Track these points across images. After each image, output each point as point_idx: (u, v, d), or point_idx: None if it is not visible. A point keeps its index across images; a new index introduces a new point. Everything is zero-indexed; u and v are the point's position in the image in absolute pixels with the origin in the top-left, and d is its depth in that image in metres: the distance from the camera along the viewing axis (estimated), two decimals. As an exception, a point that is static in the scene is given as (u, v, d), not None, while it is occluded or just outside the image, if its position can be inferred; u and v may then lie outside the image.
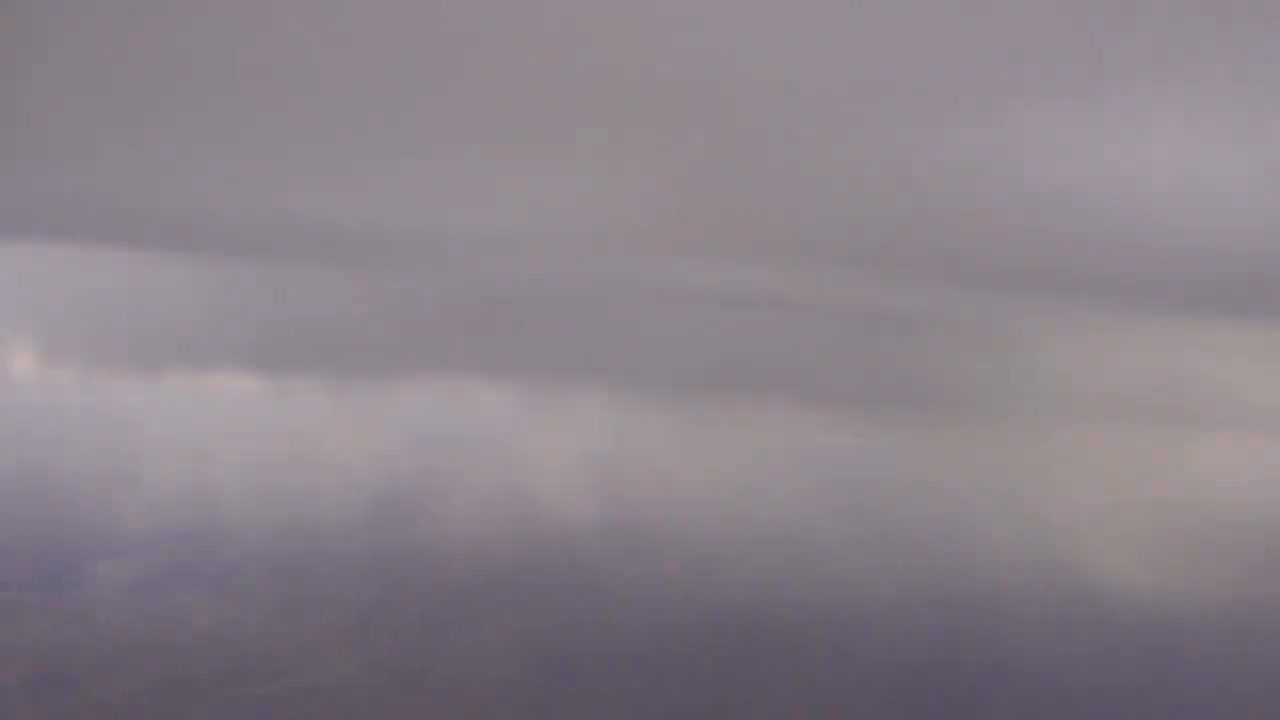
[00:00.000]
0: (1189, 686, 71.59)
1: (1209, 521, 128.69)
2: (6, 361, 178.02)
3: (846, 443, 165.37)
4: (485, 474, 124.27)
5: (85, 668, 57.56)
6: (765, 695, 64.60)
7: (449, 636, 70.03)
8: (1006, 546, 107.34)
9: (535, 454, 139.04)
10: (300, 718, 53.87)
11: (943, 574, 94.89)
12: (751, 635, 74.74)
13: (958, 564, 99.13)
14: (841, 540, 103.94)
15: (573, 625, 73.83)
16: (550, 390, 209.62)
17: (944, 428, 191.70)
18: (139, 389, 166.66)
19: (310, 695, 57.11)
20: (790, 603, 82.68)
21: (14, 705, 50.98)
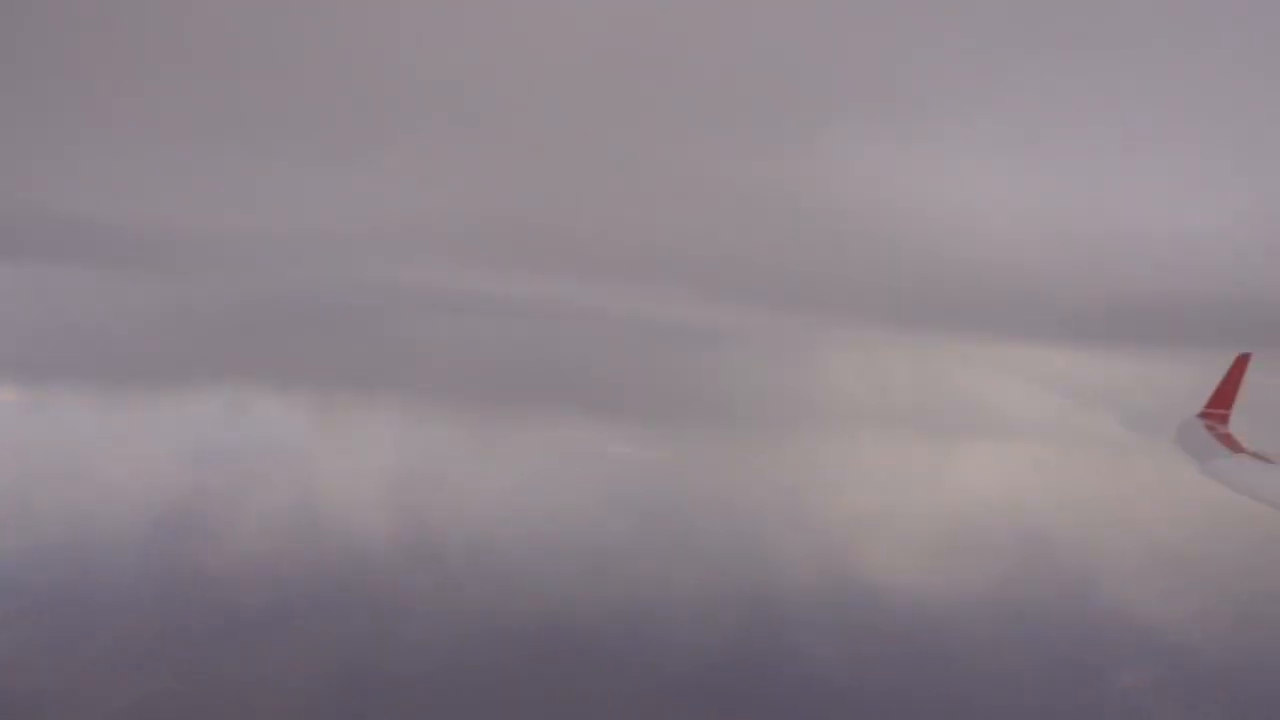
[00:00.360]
0: (956, 673, 77.38)
1: (968, 523, 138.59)
2: None
3: (639, 453, 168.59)
4: (270, 490, 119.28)
5: None
6: (565, 701, 65.37)
7: (235, 665, 67.08)
8: (791, 551, 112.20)
9: (323, 468, 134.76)
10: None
11: (732, 578, 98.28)
12: (549, 644, 75.35)
13: (746, 569, 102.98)
14: (635, 548, 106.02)
15: (366, 644, 72.27)
16: (340, 401, 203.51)
17: (732, 438, 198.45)
18: None
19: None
20: (587, 610, 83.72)
21: None
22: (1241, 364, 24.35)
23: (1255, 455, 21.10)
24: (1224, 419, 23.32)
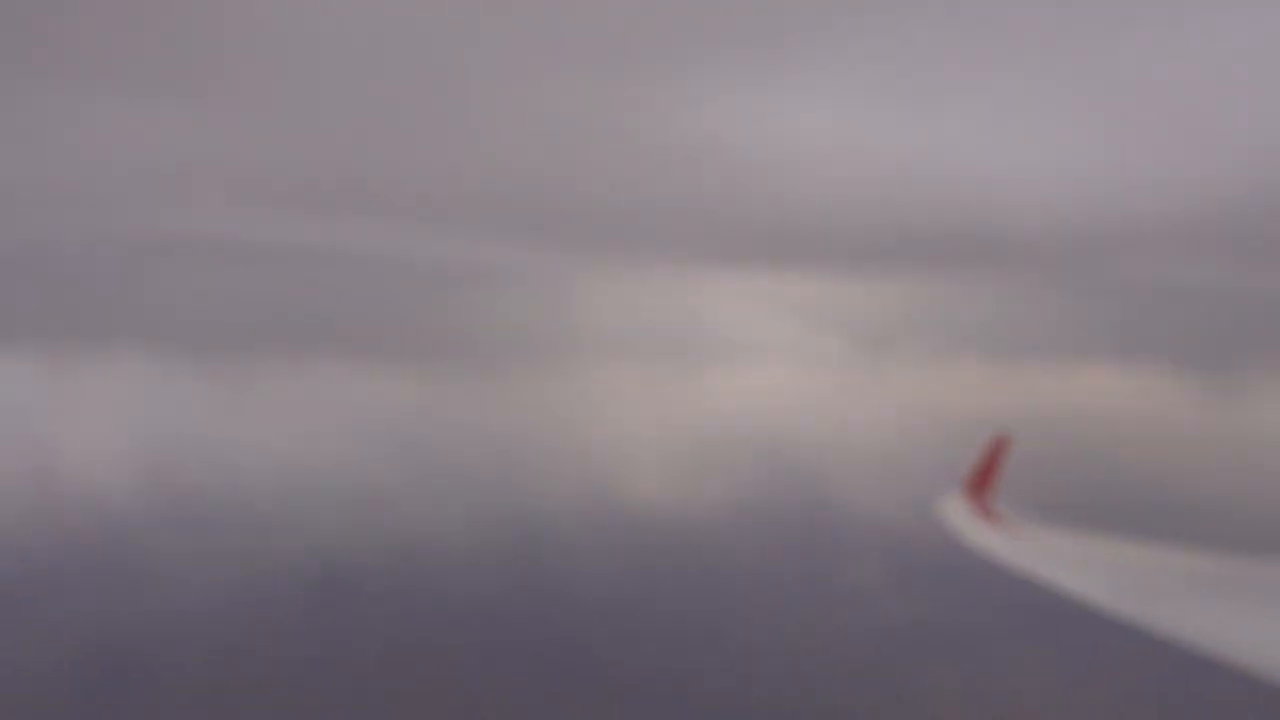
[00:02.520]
0: (712, 580, 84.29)
1: (718, 443, 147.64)
2: None
3: (402, 393, 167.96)
4: (2, 453, 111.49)
5: None
6: (344, 641, 66.73)
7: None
8: (559, 479, 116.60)
9: (64, 427, 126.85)
10: None
11: (502, 509, 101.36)
12: (323, 588, 75.90)
13: (515, 499, 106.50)
14: (403, 486, 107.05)
15: (124, 609, 70.50)
16: (81, 355, 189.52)
17: (495, 374, 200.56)
18: None
19: None
20: (358, 551, 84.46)
21: None
22: (1001, 446, 26.74)
23: (1013, 527, 23.43)
24: (984, 497, 25.73)
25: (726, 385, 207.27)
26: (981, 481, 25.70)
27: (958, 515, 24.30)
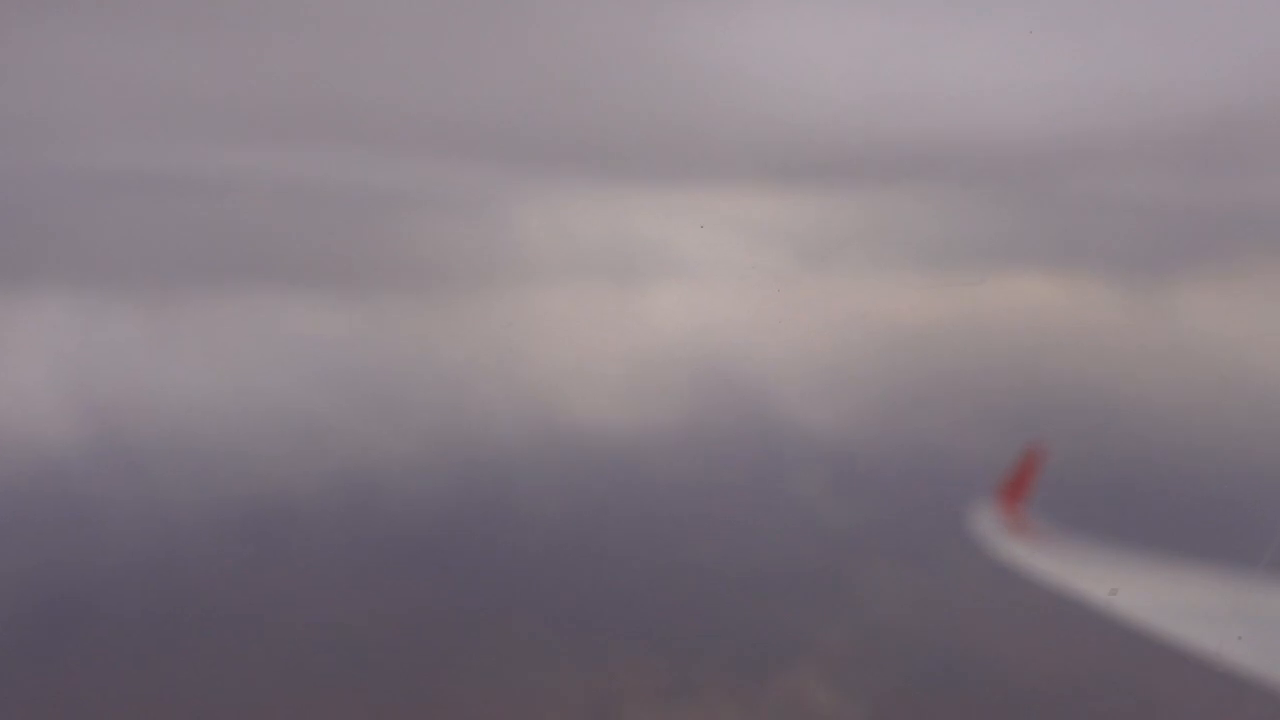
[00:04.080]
0: (659, 500, 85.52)
1: (661, 362, 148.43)
2: None
3: (336, 324, 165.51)
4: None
5: None
6: (289, 584, 66.74)
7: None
8: (501, 407, 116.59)
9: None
10: None
11: (445, 440, 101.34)
12: (267, 530, 75.55)
13: (457, 429, 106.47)
14: (341, 421, 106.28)
15: (61, 556, 69.54)
16: (4, 294, 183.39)
17: (431, 300, 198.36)
18: None
19: None
20: (302, 491, 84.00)
21: None
22: (1035, 455, 25.83)
23: (1042, 538, 22.90)
24: (1017, 509, 24.93)
25: (667, 304, 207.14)
26: (1014, 493, 25.17)
27: (990, 528, 23.88)
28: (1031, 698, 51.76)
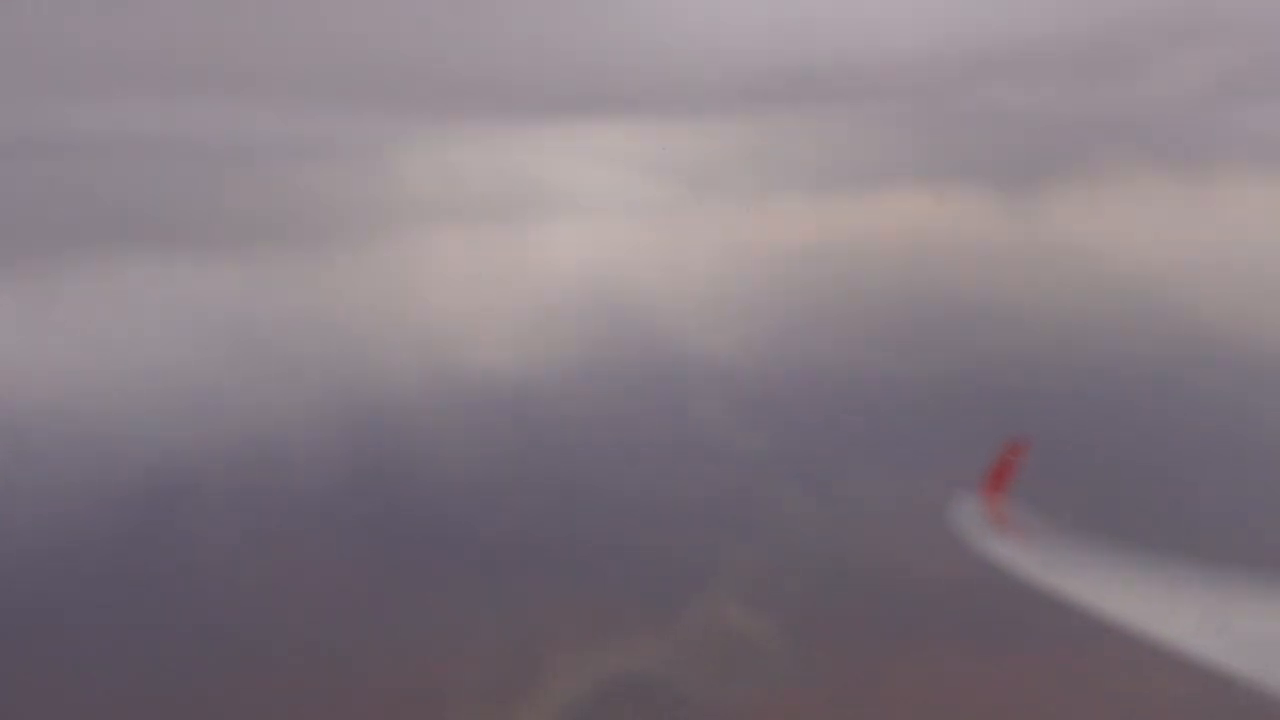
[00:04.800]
0: (568, 437, 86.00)
1: (556, 300, 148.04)
2: None
3: (221, 282, 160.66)
4: None
5: None
6: (192, 550, 65.66)
7: None
8: (396, 356, 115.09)
9: None
10: None
11: (342, 391, 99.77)
12: (164, 497, 73.80)
13: (354, 379, 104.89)
14: (236, 380, 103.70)
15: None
16: None
17: (318, 253, 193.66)
18: None
19: None
20: (198, 454, 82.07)
21: None
22: (1016, 449, 26.21)
23: (1023, 532, 22.99)
24: (999, 501, 25.18)
25: (556, 242, 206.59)
26: (995, 486, 25.75)
27: (971, 522, 24.33)
28: (936, 601, 54.41)
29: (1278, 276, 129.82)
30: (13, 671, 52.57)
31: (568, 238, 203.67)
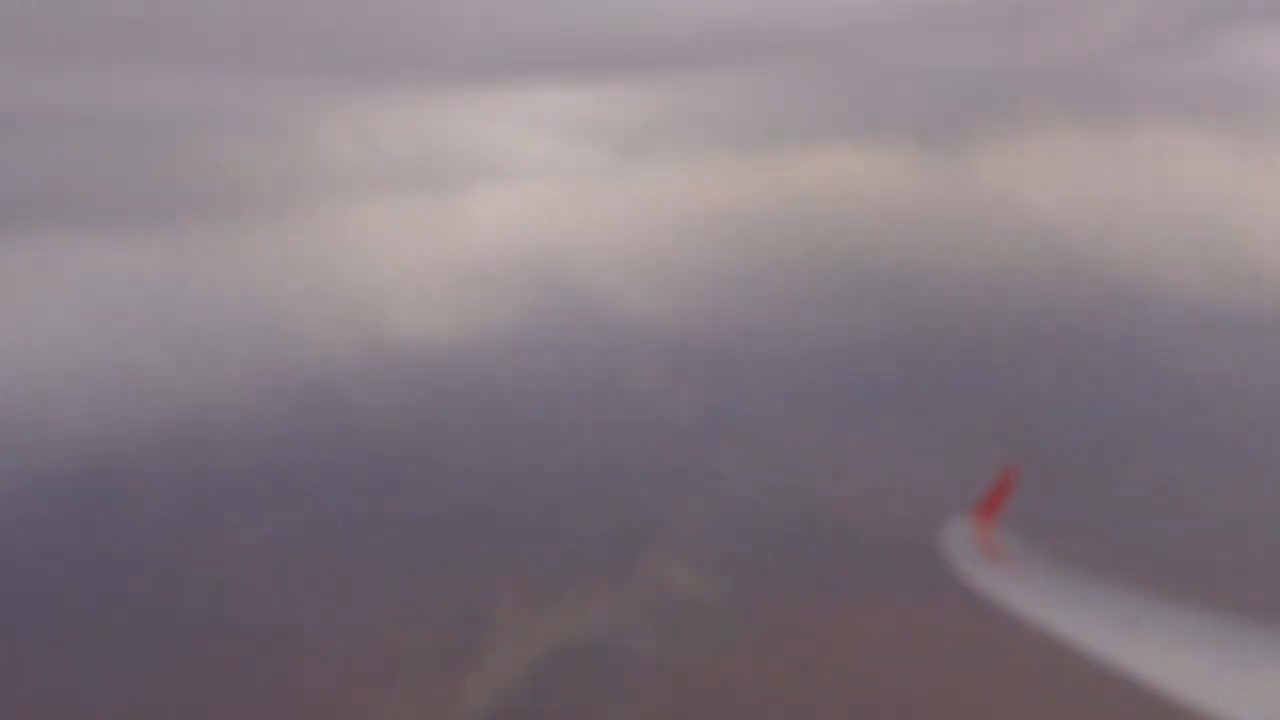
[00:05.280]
0: (501, 406, 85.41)
1: (484, 266, 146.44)
2: None
3: (139, 261, 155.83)
4: None
5: None
6: (137, 526, 64.12)
7: None
8: (321, 329, 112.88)
9: None
10: None
11: (275, 371, 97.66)
12: (93, 484, 71.79)
13: (286, 358, 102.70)
14: (162, 364, 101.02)
15: None
16: None
17: (238, 226, 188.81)
18: None
19: None
20: (129, 440, 79.77)
21: None
22: (1010, 476, 25.62)
23: (1013, 562, 22.41)
24: (989, 527, 24.55)
25: (485, 209, 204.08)
26: (988, 512, 25.24)
27: (961, 549, 23.80)
28: (878, 554, 55.21)
29: (1195, 224, 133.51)
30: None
31: (497, 205, 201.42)
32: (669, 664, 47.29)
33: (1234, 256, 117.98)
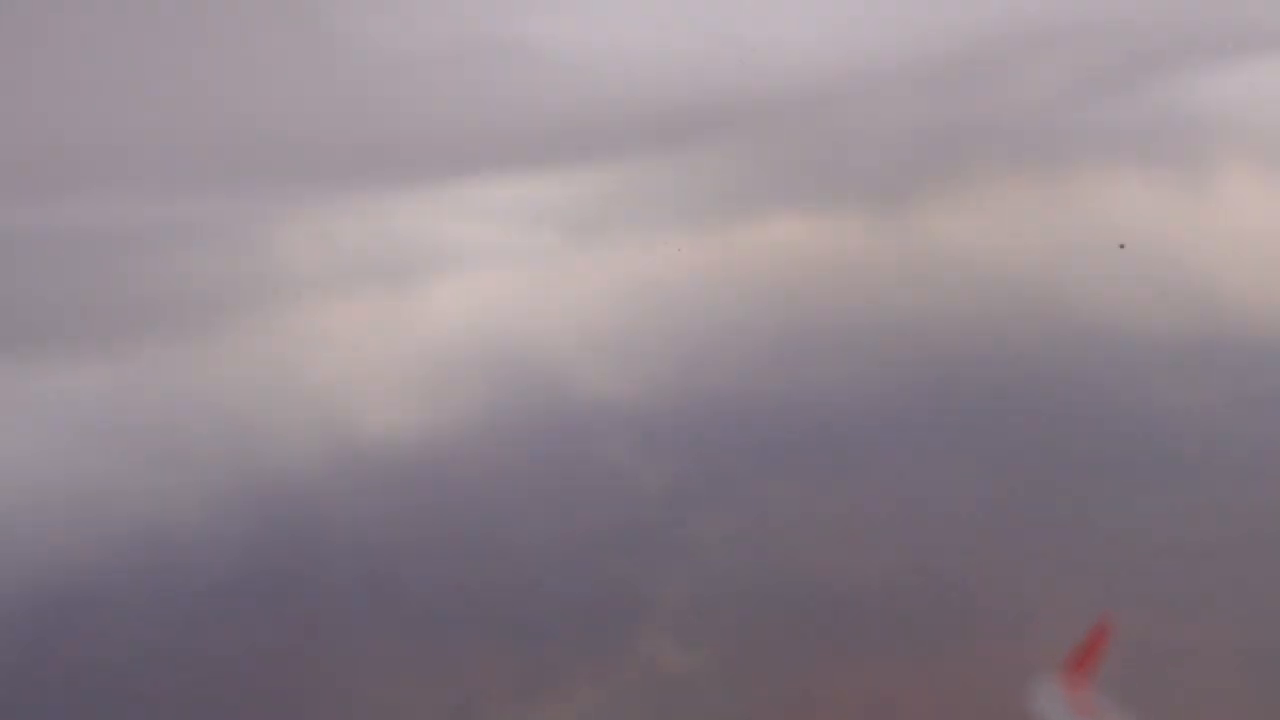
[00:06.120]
0: (472, 495, 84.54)
1: (449, 359, 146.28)
2: None
3: (105, 380, 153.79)
4: None
5: None
6: (107, 653, 62.47)
7: None
8: (290, 432, 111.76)
9: None
10: None
11: (246, 479, 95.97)
12: (69, 606, 70.03)
13: (256, 466, 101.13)
14: (130, 480, 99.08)
15: None
16: None
17: (198, 338, 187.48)
18: None
19: None
20: (89, 562, 77.89)
21: None
22: (1103, 630, 25.55)
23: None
24: (1083, 683, 24.32)
25: (444, 302, 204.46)
26: (1080, 668, 24.91)
27: (1052, 706, 23.42)
28: (862, 611, 54.82)
29: (1141, 260, 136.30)
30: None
31: (457, 297, 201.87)
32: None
33: (1182, 287, 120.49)
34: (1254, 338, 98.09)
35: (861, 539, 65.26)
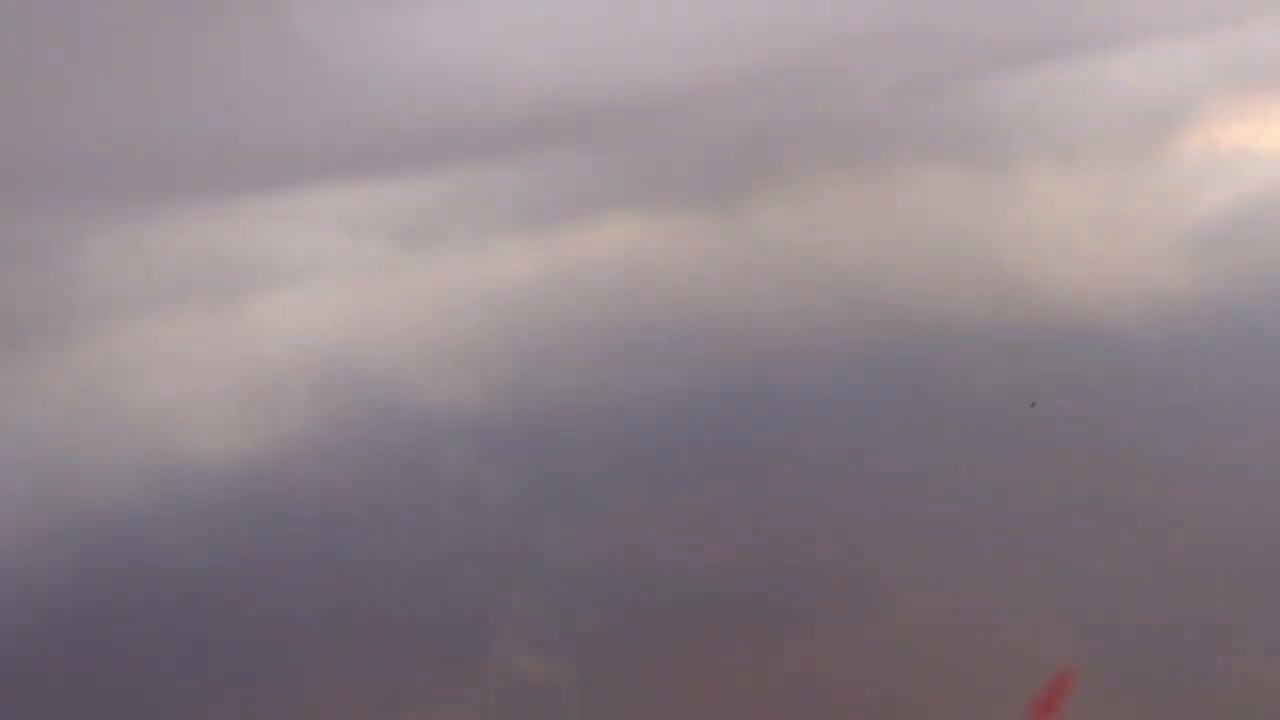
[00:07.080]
0: (310, 514, 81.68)
1: (279, 373, 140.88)
2: None
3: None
4: None
5: None
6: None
7: None
8: (111, 456, 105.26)
9: None
10: None
11: (56, 515, 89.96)
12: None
13: (75, 495, 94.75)
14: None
15: None
16: None
17: (11, 364, 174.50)
18: None
19: None
20: None
21: None
22: (1065, 681, 25.88)
23: None
24: None
25: (271, 316, 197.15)
26: (1044, 712, 25.40)
27: None
28: (716, 601, 55.69)
29: (954, 253, 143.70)
30: None
31: (285, 310, 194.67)
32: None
33: (1001, 277, 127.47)
34: (1058, 320, 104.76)
35: (707, 533, 66.39)
